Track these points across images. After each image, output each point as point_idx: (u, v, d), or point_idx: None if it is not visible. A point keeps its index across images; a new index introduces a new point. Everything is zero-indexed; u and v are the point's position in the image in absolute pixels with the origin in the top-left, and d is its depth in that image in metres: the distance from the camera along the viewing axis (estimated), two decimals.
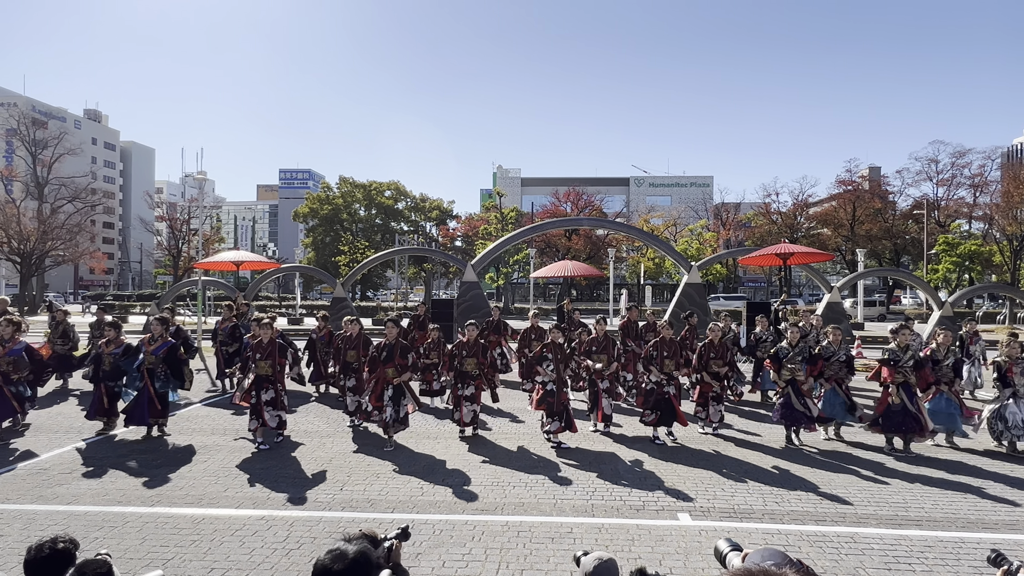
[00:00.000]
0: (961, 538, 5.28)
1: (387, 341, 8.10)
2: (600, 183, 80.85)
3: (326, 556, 1.82)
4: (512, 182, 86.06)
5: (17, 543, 5.05)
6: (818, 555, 4.91)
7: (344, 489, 6.45)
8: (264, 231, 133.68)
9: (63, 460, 7.49)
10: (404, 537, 2.55)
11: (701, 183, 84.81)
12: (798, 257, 16.33)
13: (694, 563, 4.74)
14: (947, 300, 24.48)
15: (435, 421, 9.76)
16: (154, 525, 5.46)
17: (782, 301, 15.90)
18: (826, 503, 6.11)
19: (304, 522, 5.55)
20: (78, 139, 69.47)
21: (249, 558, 4.82)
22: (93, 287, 69.78)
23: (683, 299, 23.12)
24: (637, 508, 5.94)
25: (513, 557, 4.86)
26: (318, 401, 11.37)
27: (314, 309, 38.04)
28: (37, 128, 55.29)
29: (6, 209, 43.62)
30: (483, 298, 23.96)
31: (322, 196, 62.45)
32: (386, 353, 8.02)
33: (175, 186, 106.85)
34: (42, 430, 9.01)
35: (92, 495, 6.26)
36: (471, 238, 57.12)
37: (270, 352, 8.12)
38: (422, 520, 5.60)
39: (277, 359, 8.16)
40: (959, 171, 47.58)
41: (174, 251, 57.59)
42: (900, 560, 4.85)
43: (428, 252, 47.64)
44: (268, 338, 8.17)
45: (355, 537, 2.18)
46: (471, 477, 6.88)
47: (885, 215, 49.41)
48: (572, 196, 56.63)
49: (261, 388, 8.01)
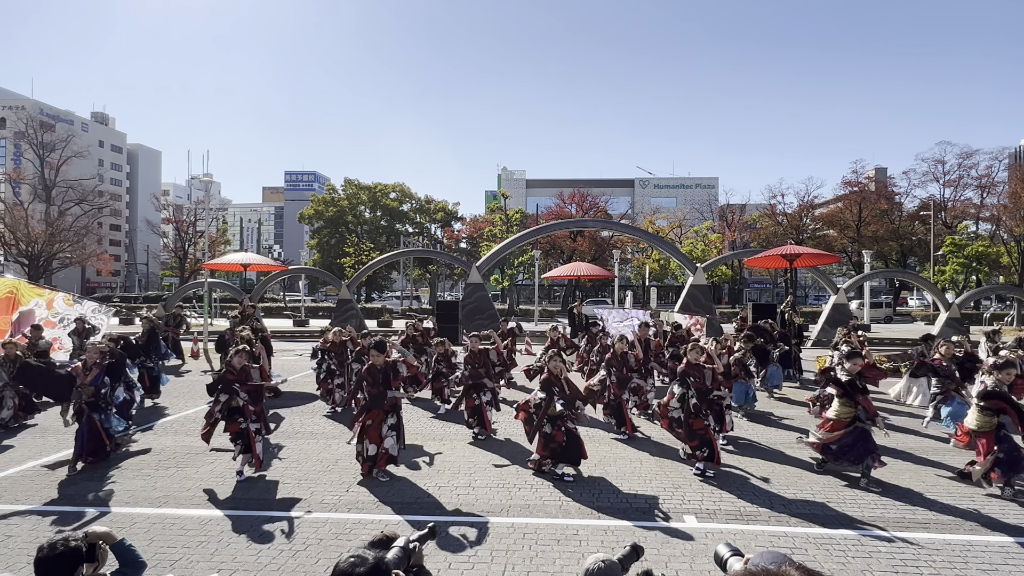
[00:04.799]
0: (969, 541, 5.25)
1: (376, 368, 7.07)
2: (605, 185, 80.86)
3: (346, 562, 1.86)
4: (517, 184, 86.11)
5: (25, 544, 5.08)
6: (825, 558, 4.89)
7: (350, 491, 6.46)
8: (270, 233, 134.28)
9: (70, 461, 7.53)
10: (431, 536, 2.56)
11: (706, 184, 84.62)
12: (804, 259, 16.29)
13: (700, 565, 4.73)
14: (954, 302, 24.37)
15: (440, 423, 9.77)
16: (161, 526, 5.49)
17: (789, 303, 15.85)
18: (833, 506, 6.08)
19: (310, 523, 5.57)
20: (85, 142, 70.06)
21: (256, 559, 4.83)
22: (100, 289, 70.13)
23: (688, 301, 23.09)
24: (643, 510, 5.93)
25: (519, 559, 4.86)
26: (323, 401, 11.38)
27: (319, 311, 38.16)
28: (45, 131, 55.79)
29: (14, 211, 43.98)
30: (488, 300, 23.99)
31: (327, 198, 62.64)
32: (382, 381, 7.02)
33: (181, 188, 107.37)
34: (50, 431, 9.06)
35: (100, 497, 6.29)
36: (476, 240, 57.22)
37: (245, 379, 7.15)
38: (428, 522, 5.60)
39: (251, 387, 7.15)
40: (966, 172, 47.39)
41: (180, 253, 57.91)
42: (907, 563, 4.82)
43: (433, 254, 47.69)
44: (241, 365, 7.17)
45: (378, 541, 2.21)
46: (476, 479, 6.89)
47: (892, 216, 49.23)
48: (577, 198, 56.64)
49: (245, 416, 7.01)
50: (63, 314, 11.57)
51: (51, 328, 11.30)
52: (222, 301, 42.06)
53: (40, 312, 11.24)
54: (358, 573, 1.84)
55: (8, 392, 9.45)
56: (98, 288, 70.84)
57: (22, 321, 10.91)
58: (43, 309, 11.33)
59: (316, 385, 11.12)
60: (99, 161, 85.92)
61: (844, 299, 24.04)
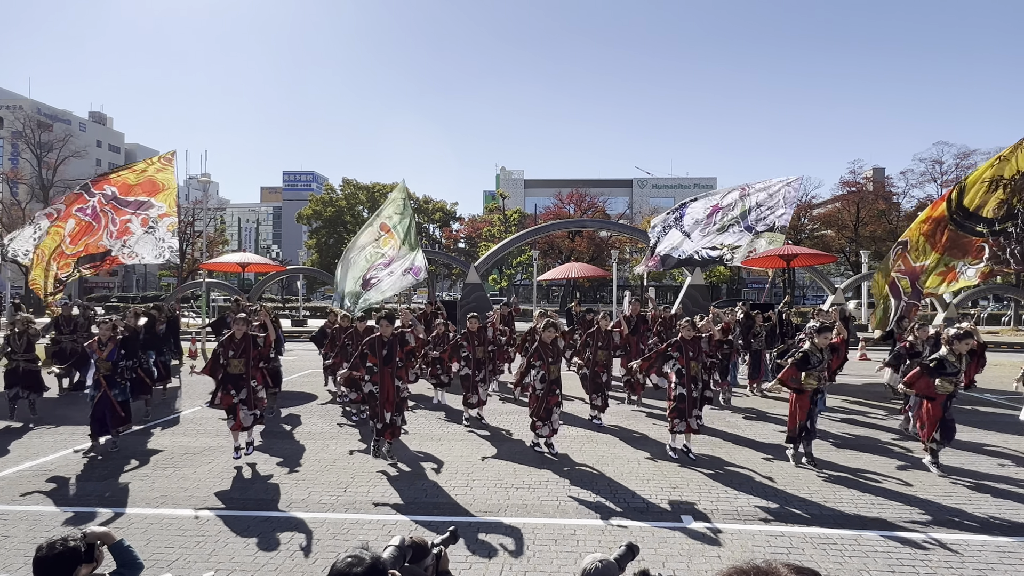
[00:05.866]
0: (965, 540, 5.26)
1: (384, 338, 7.45)
2: (603, 185, 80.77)
3: (343, 562, 1.87)
4: (515, 184, 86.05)
5: (23, 544, 5.08)
6: (822, 557, 4.90)
7: (348, 491, 6.47)
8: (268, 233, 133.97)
9: (68, 461, 7.53)
10: (452, 540, 2.56)
11: (704, 184, 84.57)
12: (802, 259, 16.31)
13: (697, 565, 4.74)
14: (951, 301, 24.43)
15: (438, 422, 9.78)
16: (159, 526, 5.49)
17: (786, 303, 15.87)
18: (830, 505, 6.10)
19: (308, 523, 5.57)
20: (83, 141, 69.83)
21: (253, 559, 4.84)
22: (98, 289, 69.99)
23: (687, 301, 23.12)
24: (640, 510, 5.95)
25: (516, 559, 4.87)
26: (329, 401, 11.39)
27: (317, 311, 38.12)
28: (42, 131, 55.63)
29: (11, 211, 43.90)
30: (486, 300, 24.02)
31: (325, 198, 62.60)
32: (387, 352, 7.41)
33: (179, 188, 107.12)
34: (47, 431, 9.06)
35: (97, 496, 6.29)
36: (474, 240, 57.20)
37: (244, 349, 7.61)
38: (425, 521, 5.62)
39: (251, 354, 7.62)
40: (963, 172, 47.40)
41: (178, 253, 57.82)
42: (904, 563, 4.84)
43: (431, 254, 47.56)
44: (242, 334, 7.62)
45: (404, 546, 2.21)
46: (474, 479, 6.89)
47: (889, 216, 49.30)
48: (575, 198, 56.64)
49: (238, 387, 7.52)
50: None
51: None
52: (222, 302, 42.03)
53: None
54: (355, 573, 1.84)
55: (19, 367, 9.91)
56: (96, 288, 70.68)
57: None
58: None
59: (324, 370, 11.94)
60: (97, 161, 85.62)
61: (842, 299, 24.11)
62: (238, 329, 7.63)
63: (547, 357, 7.90)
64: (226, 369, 7.53)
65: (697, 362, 7.75)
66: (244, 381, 7.56)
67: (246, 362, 7.60)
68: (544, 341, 7.96)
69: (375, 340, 7.47)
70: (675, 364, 7.79)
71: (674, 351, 7.82)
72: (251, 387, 7.61)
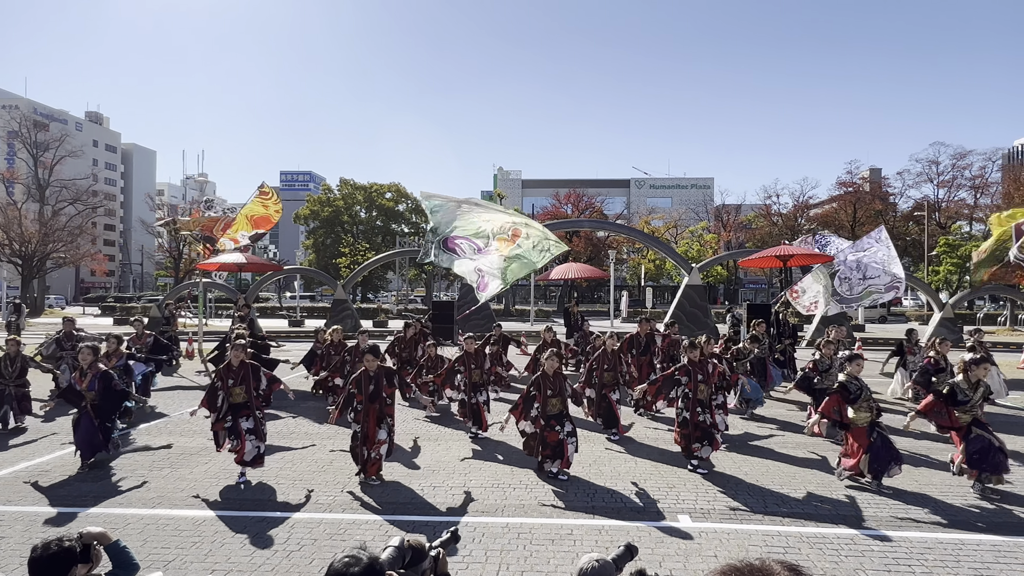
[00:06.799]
0: (961, 540, 5.28)
1: (369, 372, 6.84)
2: (601, 185, 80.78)
3: (340, 562, 1.86)
4: (513, 184, 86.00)
5: (19, 545, 5.07)
6: (818, 557, 4.91)
7: (344, 491, 6.46)
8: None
9: (64, 462, 7.51)
10: (453, 541, 2.55)
11: (702, 185, 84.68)
12: (798, 259, 16.32)
13: (694, 565, 4.75)
14: (948, 302, 24.49)
15: (436, 424, 9.77)
16: (156, 527, 5.48)
17: (782, 303, 15.90)
18: (826, 505, 6.11)
19: (305, 524, 5.57)
20: (79, 141, 69.67)
21: (250, 560, 4.83)
22: (94, 289, 69.82)
23: (684, 301, 23.15)
24: (637, 510, 5.95)
25: (513, 559, 4.87)
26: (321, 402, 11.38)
27: (314, 311, 38.06)
28: (39, 130, 55.45)
29: (8, 211, 43.73)
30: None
31: (323, 198, 62.50)
32: (373, 388, 6.81)
33: (176, 188, 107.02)
34: (43, 432, 9.03)
35: (93, 497, 6.27)
36: None
37: (243, 376, 7.02)
38: (422, 522, 5.61)
39: (251, 383, 7.05)
40: (960, 172, 47.70)
41: (175, 253, 57.66)
42: (900, 562, 4.85)
43: None
44: (239, 361, 7.03)
45: (404, 547, 2.20)
46: (471, 479, 6.89)
47: (886, 217, 49.40)
48: (573, 198, 56.69)
49: (244, 416, 6.93)
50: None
51: None
52: (217, 301, 41.94)
53: None
54: (352, 573, 1.84)
55: (9, 391, 9.34)
56: (92, 288, 70.50)
57: None
58: None
59: (315, 387, 11.45)
60: (93, 161, 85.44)
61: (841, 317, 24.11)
62: (235, 356, 7.08)
63: (546, 389, 7.08)
64: (228, 400, 6.94)
65: (707, 385, 7.36)
66: (248, 410, 6.96)
67: (247, 389, 7.01)
68: (546, 372, 7.16)
69: (361, 376, 6.87)
70: (683, 388, 7.39)
71: (682, 375, 7.43)
72: (256, 417, 6.98)
